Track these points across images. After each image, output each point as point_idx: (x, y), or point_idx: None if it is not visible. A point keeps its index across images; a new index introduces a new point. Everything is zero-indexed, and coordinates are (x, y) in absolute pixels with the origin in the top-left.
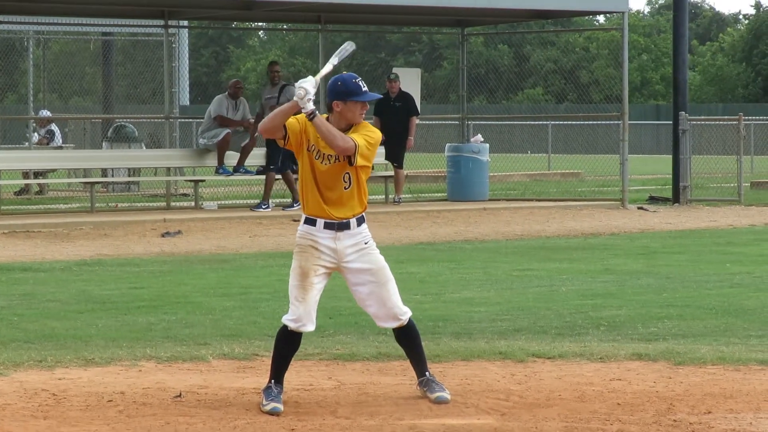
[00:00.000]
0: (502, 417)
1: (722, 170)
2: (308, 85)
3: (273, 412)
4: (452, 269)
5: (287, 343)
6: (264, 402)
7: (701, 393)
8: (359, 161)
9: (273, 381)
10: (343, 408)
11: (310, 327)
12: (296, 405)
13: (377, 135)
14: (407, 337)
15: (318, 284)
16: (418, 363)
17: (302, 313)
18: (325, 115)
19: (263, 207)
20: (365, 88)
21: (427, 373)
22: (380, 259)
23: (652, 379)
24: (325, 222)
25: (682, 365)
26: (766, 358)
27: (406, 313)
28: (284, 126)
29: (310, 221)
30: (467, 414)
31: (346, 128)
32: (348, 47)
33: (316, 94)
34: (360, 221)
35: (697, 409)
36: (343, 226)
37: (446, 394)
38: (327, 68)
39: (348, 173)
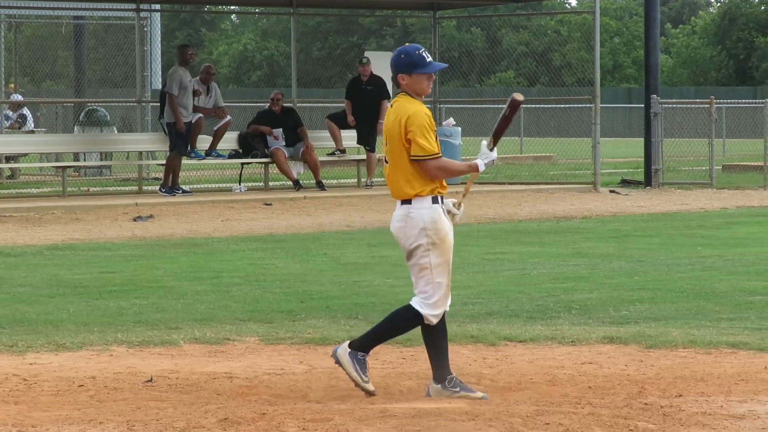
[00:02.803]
0: (473, 400)
1: (694, 153)
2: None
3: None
4: None
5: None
6: (472, 391)
7: (672, 376)
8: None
9: (453, 374)
10: (314, 392)
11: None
12: (267, 389)
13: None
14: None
15: None
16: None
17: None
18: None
19: (177, 192)
20: (429, 59)
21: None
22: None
23: (624, 363)
24: (442, 196)
25: (654, 348)
26: (737, 341)
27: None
28: None
29: (435, 200)
30: (438, 397)
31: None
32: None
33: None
34: None
35: (669, 392)
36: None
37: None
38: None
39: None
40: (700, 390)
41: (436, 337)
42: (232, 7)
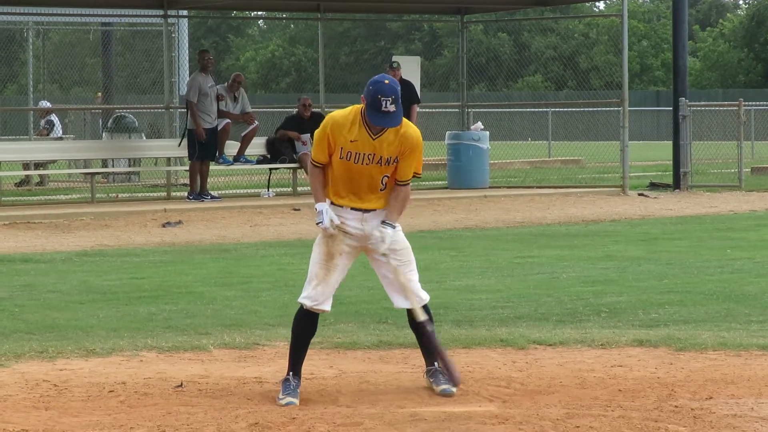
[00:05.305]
0: (503, 404)
1: (723, 156)
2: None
3: (288, 406)
4: (453, 257)
5: (304, 325)
6: (281, 395)
7: (702, 379)
8: (419, 173)
9: (291, 373)
10: (344, 396)
11: (326, 306)
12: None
13: (420, 140)
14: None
15: (341, 265)
16: (428, 351)
17: (320, 292)
18: (361, 106)
19: (206, 197)
20: (386, 109)
21: (435, 363)
22: (404, 239)
23: (654, 365)
24: (332, 202)
25: (683, 351)
26: (767, 343)
27: (422, 297)
28: (326, 154)
29: (337, 204)
30: (468, 401)
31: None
32: None
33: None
34: None
35: (699, 394)
36: (370, 209)
37: (452, 388)
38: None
39: (387, 175)
40: (731, 392)
41: (294, 328)
42: (259, 13)
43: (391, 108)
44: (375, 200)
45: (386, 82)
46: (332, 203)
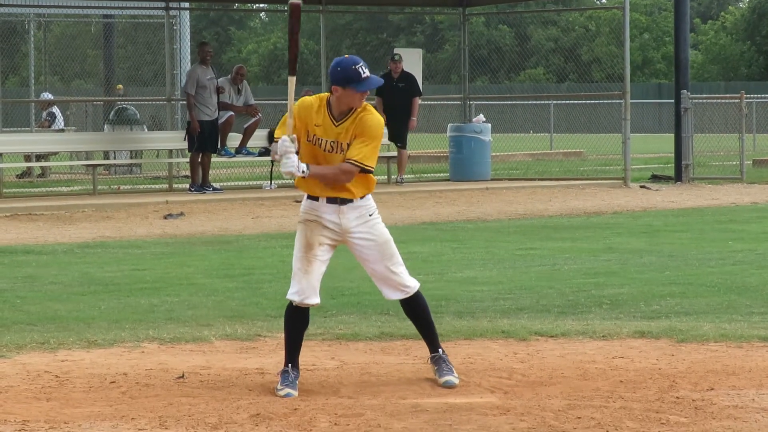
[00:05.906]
0: (504, 395)
1: (724, 148)
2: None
3: (287, 397)
4: (455, 249)
5: (296, 320)
6: (279, 386)
7: (704, 370)
8: (369, 166)
9: (289, 365)
10: (346, 387)
11: (314, 300)
12: (300, 385)
13: (377, 130)
14: (413, 309)
15: (322, 256)
16: (428, 337)
17: (306, 286)
18: (328, 94)
19: (208, 189)
20: (365, 74)
21: (439, 350)
22: (384, 231)
23: (655, 357)
24: (327, 197)
25: (685, 342)
26: None
27: (411, 285)
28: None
29: (312, 197)
30: (470, 392)
31: (347, 111)
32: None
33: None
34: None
35: (700, 386)
36: (346, 200)
37: (454, 379)
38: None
39: None
40: (732, 383)
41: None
42: (261, 5)
43: (368, 71)
44: (348, 189)
45: (347, 56)
46: (309, 197)
